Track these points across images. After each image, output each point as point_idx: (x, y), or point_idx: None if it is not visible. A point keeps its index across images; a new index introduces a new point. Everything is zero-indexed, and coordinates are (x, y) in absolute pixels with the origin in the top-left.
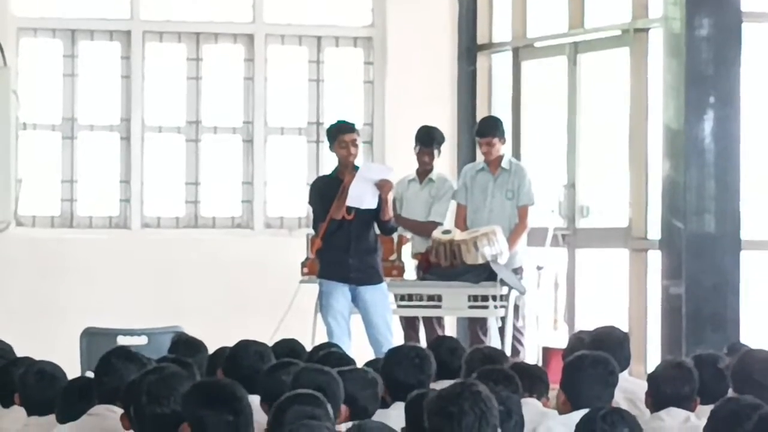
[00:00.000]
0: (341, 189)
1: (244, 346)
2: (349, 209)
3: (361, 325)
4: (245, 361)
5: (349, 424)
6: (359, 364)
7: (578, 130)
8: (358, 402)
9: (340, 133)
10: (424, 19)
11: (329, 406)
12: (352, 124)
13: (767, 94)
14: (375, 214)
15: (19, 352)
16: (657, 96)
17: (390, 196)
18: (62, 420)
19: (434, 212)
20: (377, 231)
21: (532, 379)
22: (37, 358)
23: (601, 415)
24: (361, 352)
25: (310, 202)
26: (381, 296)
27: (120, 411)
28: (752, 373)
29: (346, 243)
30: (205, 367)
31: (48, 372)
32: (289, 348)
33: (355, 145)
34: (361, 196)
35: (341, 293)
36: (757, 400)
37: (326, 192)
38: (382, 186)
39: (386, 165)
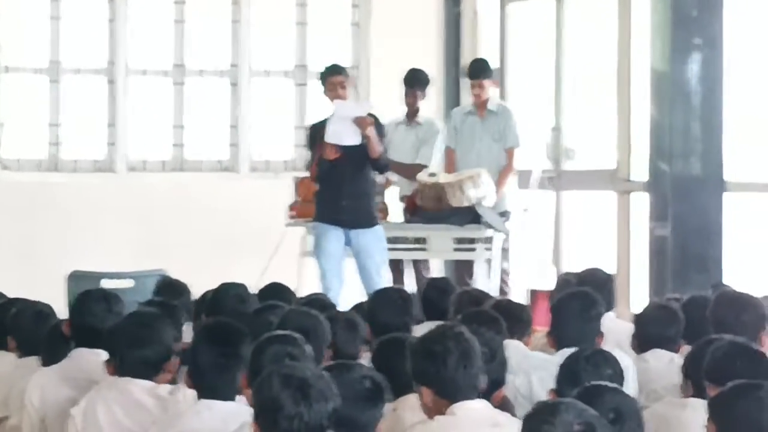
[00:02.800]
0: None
1: (224, 289)
2: (337, 149)
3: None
4: (226, 305)
5: None
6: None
7: (564, 72)
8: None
9: (328, 76)
10: None
11: (308, 347)
12: (341, 67)
13: (749, 37)
14: (366, 153)
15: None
16: (643, 38)
17: (371, 132)
18: (47, 363)
19: (421, 155)
20: (373, 174)
21: (512, 320)
22: None
23: (585, 356)
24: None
25: (307, 147)
26: (374, 239)
27: (102, 354)
28: (726, 313)
29: (338, 185)
30: (193, 312)
31: (40, 312)
32: (275, 291)
33: (343, 87)
34: (339, 132)
35: (334, 236)
36: (738, 340)
37: (317, 134)
38: (360, 122)
39: (365, 101)
